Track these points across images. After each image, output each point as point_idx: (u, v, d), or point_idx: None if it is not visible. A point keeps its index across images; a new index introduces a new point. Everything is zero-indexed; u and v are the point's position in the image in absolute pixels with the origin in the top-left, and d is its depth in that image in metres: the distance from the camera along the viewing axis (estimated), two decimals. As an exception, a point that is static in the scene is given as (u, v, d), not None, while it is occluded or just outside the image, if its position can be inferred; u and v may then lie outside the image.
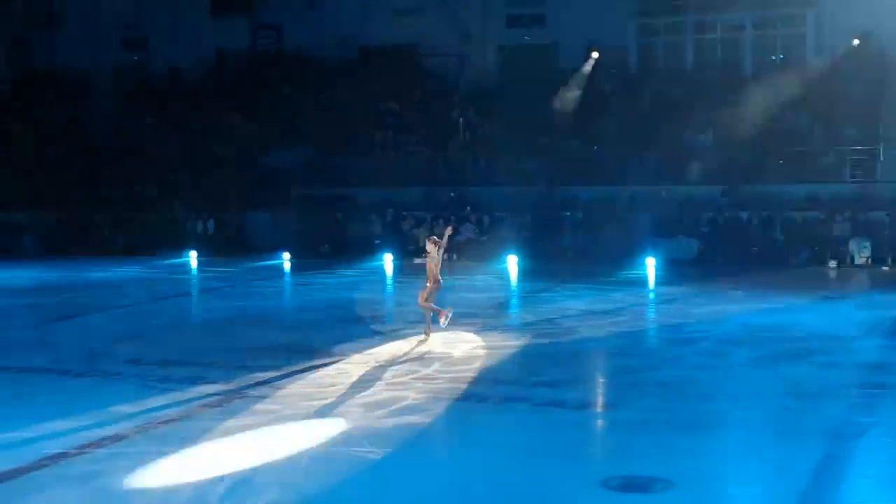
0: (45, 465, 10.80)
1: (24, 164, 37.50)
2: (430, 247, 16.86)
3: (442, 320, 16.93)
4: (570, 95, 34.78)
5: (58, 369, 15.41)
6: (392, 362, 15.45)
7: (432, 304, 16.97)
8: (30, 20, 43.14)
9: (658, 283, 24.56)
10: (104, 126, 39.19)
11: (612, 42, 36.31)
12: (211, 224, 32.79)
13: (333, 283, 25.20)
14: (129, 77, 41.57)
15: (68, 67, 41.51)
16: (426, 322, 17.09)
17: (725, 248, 28.83)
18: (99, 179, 36.22)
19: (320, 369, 15.03)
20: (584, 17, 36.19)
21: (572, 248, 29.23)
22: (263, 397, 13.51)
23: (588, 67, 35.73)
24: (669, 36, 36.76)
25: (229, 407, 13.22)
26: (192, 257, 30.59)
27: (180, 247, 31.61)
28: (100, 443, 11.47)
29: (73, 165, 37.16)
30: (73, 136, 39.04)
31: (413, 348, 16.50)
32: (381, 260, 29.13)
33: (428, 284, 16.78)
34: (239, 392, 13.82)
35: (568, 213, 30.60)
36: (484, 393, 13.43)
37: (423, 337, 16.95)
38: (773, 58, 36.13)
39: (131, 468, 10.66)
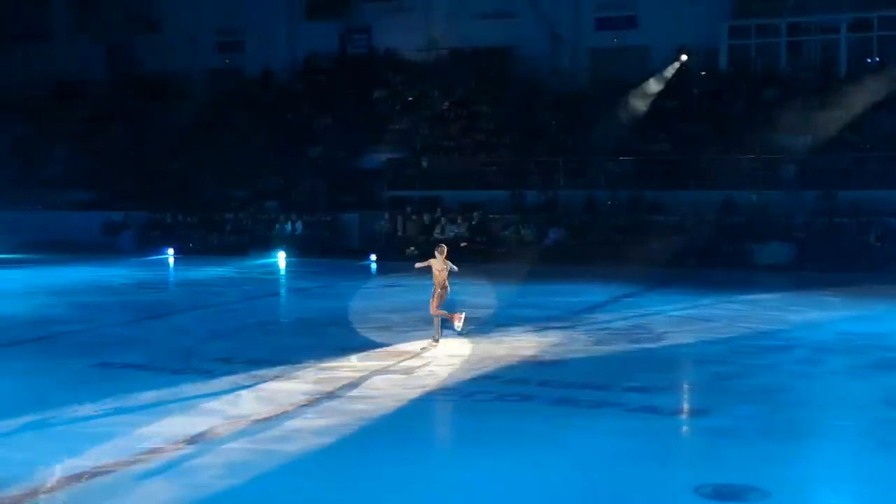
0: (140, 461, 10.99)
1: (122, 165, 38.31)
2: (437, 254, 16.99)
3: (457, 324, 17.04)
4: (647, 94, 34.42)
5: (152, 366, 15.68)
6: (479, 364, 15.43)
7: (443, 311, 17.03)
8: (129, 25, 44.08)
9: (751, 289, 24.12)
10: (199, 128, 39.86)
11: (704, 44, 35.85)
12: (300, 225, 33.10)
13: (420, 285, 25.23)
14: (223, 80, 42.23)
15: (165, 71, 42.32)
16: (435, 329, 17.05)
17: (821, 254, 28.21)
18: (192, 180, 36.85)
19: (408, 370, 15.07)
20: (676, 19, 35.83)
21: (663, 252, 28.85)
22: (353, 397, 13.59)
23: (672, 69, 35.33)
24: (763, 38, 36.15)
25: (319, 406, 13.32)
26: (282, 258, 30.90)
27: (270, 247, 31.97)
28: (193, 439, 11.63)
29: (168, 166, 37.88)
30: (169, 138, 39.79)
31: (497, 350, 16.45)
32: (467, 263, 29.19)
33: (437, 291, 16.83)
34: (329, 392, 13.92)
35: (660, 217, 30.25)
36: (575, 397, 13.32)
37: (432, 342, 16.90)
38: (869, 60, 35.31)
39: (223, 465, 10.79)
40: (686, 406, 13.53)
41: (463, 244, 30.42)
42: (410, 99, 37.41)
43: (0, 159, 37.38)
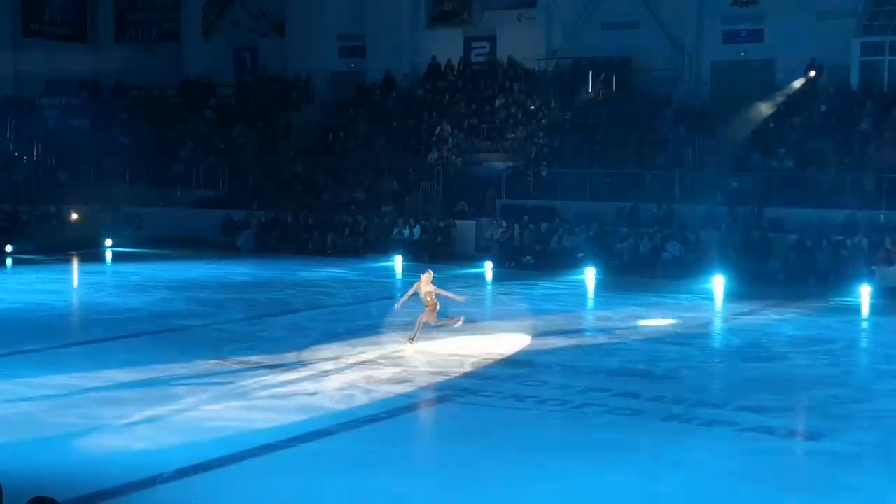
0: (255, 455, 11.24)
1: (245, 166, 39.15)
2: (424, 278, 17.54)
3: (456, 325, 17.66)
4: (770, 110, 33.75)
5: (268, 364, 15.99)
6: (590, 377, 15.35)
7: (442, 319, 17.56)
8: (256, 28, 45.04)
9: (873, 312, 23.48)
10: (320, 131, 40.49)
11: (833, 60, 35.02)
12: (417, 230, 33.34)
13: (536, 294, 25.21)
14: (344, 84, 42.81)
15: (289, 74, 43.12)
16: (414, 330, 17.38)
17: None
18: (312, 182, 37.45)
19: (520, 379, 15.07)
20: (804, 34, 35.05)
21: (782, 270, 28.25)
22: (464, 403, 13.66)
23: (798, 84, 34.60)
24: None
25: (432, 409, 13.45)
26: (398, 262, 31.18)
27: (387, 251, 32.27)
28: (305, 437, 11.85)
29: (289, 168, 38.58)
30: (291, 140, 40.52)
31: (610, 363, 16.34)
32: (583, 273, 29.02)
33: (427, 309, 17.30)
34: (440, 397, 14.02)
35: (778, 235, 29.64)
36: (687, 414, 13.16)
37: (409, 341, 17.35)
38: None
39: (334, 464, 10.97)
40: (802, 428, 13.25)
41: (580, 255, 30.30)
42: (532, 108, 37.40)
43: (127, 157, 38.48)
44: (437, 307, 17.32)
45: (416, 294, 17.65)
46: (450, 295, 17.97)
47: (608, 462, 11.08)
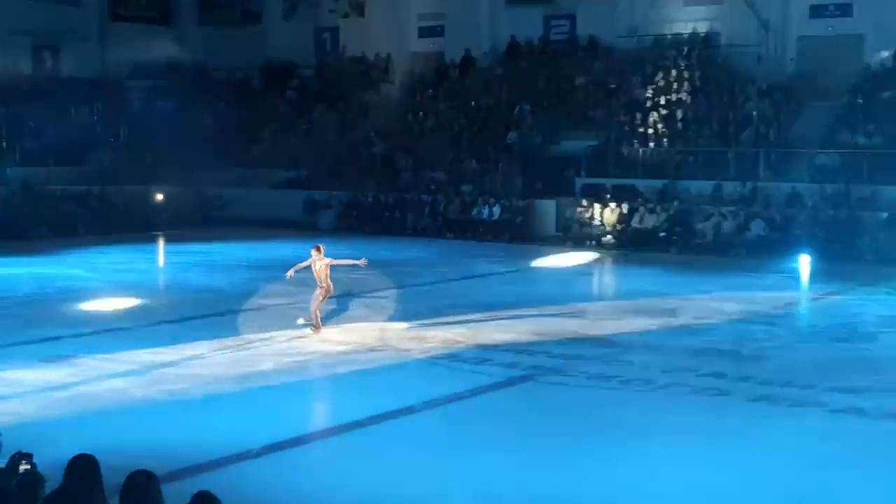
0: (341, 433, 11.32)
1: (326, 146, 39.40)
2: (313, 253, 16.60)
3: (311, 330, 16.44)
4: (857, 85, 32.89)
5: (352, 342, 16.08)
6: (676, 357, 15.17)
7: (316, 312, 16.52)
8: (336, 9, 45.20)
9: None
10: (399, 111, 40.58)
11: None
12: (496, 210, 33.26)
13: (616, 273, 25.01)
14: (423, 64, 42.82)
15: (368, 54, 43.24)
16: (313, 317, 16.52)
17: None
18: (392, 162, 37.56)
19: (606, 359, 14.96)
20: (894, 9, 34.16)
21: (871, 249, 27.64)
22: (551, 383, 13.61)
23: (886, 59, 33.71)
24: None
25: (515, 388, 13.43)
26: (477, 241, 31.14)
27: (466, 230, 32.26)
28: (391, 415, 11.89)
29: (368, 148, 38.74)
30: (371, 120, 40.67)
31: (695, 343, 16.14)
32: (666, 252, 28.69)
33: (319, 289, 16.46)
34: (524, 376, 13.98)
35: (867, 213, 29.00)
36: (775, 395, 12.94)
37: (313, 329, 16.44)
38: None
39: (420, 442, 10.98)
40: (894, 409, 12.93)
41: (661, 234, 30.00)
42: (612, 86, 37.03)
43: (210, 138, 38.94)
44: (332, 290, 16.66)
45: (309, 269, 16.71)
46: (348, 262, 17.43)
47: (695, 444, 10.94)
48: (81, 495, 6.17)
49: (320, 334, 16.40)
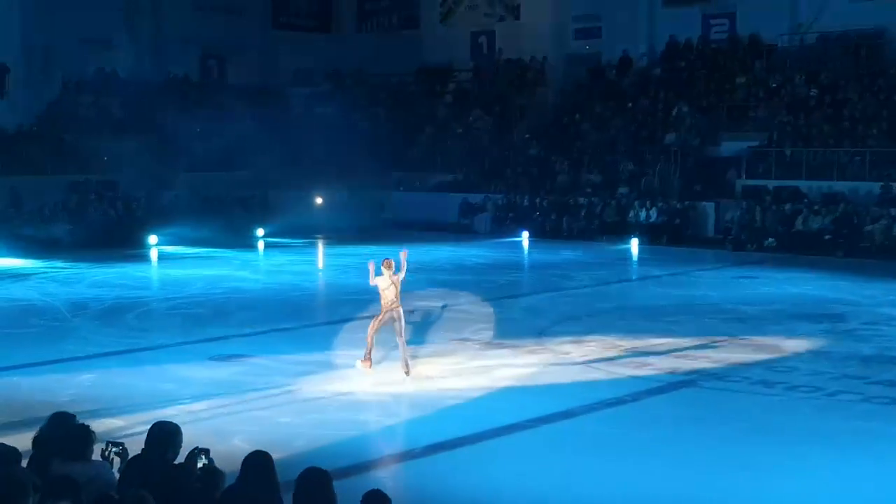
0: (499, 435, 11.37)
1: (482, 149, 39.61)
2: (383, 269, 13.98)
3: (358, 364, 13.94)
4: None
5: (509, 345, 16.12)
6: (844, 364, 14.71)
7: (371, 341, 13.92)
8: (492, 13, 45.38)
9: None
10: (555, 113, 40.48)
11: None
12: (654, 212, 32.84)
13: (780, 277, 24.38)
14: (580, 66, 42.57)
15: (524, 57, 43.27)
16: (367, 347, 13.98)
17: None
18: (548, 165, 37.51)
19: (768, 364, 14.62)
20: None
21: None
22: (704, 388, 13.38)
23: None
24: None
25: (670, 393, 13.23)
26: (634, 244, 30.83)
27: (623, 233, 31.96)
28: (549, 418, 11.90)
29: (524, 151, 38.79)
30: (527, 123, 40.70)
31: (863, 349, 15.61)
32: (829, 255, 27.88)
33: (382, 312, 13.87)
34: (682, 382, 13.77)
35: None
36: None
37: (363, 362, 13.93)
38: None
39: (578, 446, 10.96)
40: None
41: (827, 237, 29.11)
42: (774, 86, 36.13)
43: (368, 143, 39.58)
44: (395, 318, 13.72)
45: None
46: (403, 265, 14.43)
47: (866, 454, 10.60)
48: (258, 491, 6.38)
49: (367, 367, 13.94)
